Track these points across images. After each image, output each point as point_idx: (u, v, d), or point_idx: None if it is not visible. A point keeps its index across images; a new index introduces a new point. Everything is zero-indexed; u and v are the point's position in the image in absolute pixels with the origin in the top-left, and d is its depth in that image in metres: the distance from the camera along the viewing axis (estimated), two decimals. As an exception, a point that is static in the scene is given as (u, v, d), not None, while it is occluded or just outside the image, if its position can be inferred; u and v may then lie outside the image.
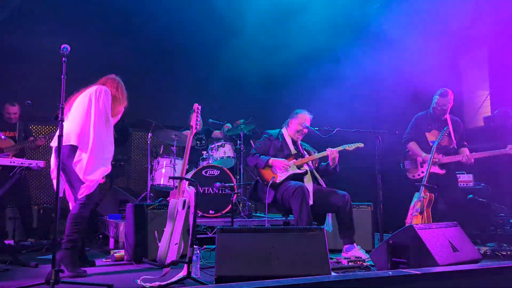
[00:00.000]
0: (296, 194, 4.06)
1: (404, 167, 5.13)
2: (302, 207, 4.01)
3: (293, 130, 4.58)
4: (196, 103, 3.60)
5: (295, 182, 4.21)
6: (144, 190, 6.42)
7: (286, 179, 4.30)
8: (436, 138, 4.84)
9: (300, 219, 4.00)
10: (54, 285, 2.71)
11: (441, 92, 5.00)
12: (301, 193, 4.05)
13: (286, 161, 4.35)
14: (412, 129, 5.19)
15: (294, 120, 4.60)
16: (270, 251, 3.00)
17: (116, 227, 4.83)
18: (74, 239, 3.45)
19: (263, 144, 4.56)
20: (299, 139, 4.63)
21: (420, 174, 4.94)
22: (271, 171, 4.39)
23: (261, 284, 1.86)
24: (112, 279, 3.29)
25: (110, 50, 6.64)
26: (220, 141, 6.12)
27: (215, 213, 5.47)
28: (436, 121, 5.04)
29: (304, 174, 4.38)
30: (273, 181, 4.28)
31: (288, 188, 4.17)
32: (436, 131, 4.95)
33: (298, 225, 3.94)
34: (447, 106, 4.95)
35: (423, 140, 5.02)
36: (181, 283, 2.97)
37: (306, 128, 4.53)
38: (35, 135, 6.09)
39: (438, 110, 4.99)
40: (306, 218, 3.98)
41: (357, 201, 4.89)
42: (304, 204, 4.02)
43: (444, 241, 3.30)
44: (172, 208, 3.29)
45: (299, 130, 4.54)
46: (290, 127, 4.62)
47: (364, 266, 3.72)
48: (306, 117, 4.58)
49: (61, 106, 2.97)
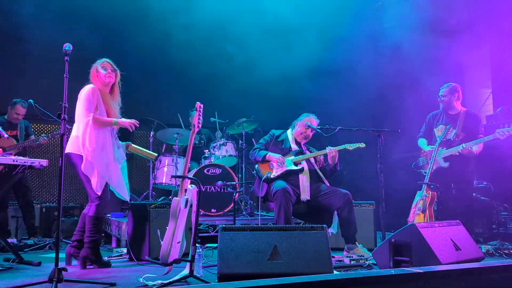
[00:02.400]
0: (276, 196, 4.09)
1: (418, 164, 5.07)
2: (280, 211, 4.04)
3: (298, 132, 4.60)
4: (199, 102, 3.60)
5: (280, 183, 4.21)
6: (146, 189, 6.44)
7: (280, 175, 4.32)
8: (441, 133, 4.83)
9: (278, 221, 4.04)
10: (57, 283, 2.73)
11: (445, 86, 5.01)
12: (280, 196, 4.06)
13: (281, 157, 4.38)
14: (424, 127, 5.21)
15: (300, 122, 4.63)
16: (273, 250, 3.01)
17: (118, 226, 4.85)
18: (96, 239, 3.70)
19: (266, 141, 4.63)
20: (303, 141, 4.65)
21: (431, 169, 4.89)
22: (268, 166, 4.44)
23: (263, 282, 1.86)
24: (115, 277, 3.29)
25: (111, 50, 6.63)
26: (222, 140, 6.13)
27: (217, 212, 5.48)
28: (445, 116, 5.02)
29: (299, 171, 4.38)
30: (267, 176, 4.30)
31: (272, 189, 4.20)
32: (443, 126, 4.94)
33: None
34: (447, 97, 4.93)
35: (431, 136, 5.02)
36: (184, 281, 2.98)
37: (310, 131, 4.55)
38: (36, 134, 6.09)
39: (442, 103, 4.98)
40: (283, 222, 3.99)
41: (359, 200, 4.90)
42: (282, 208, 4.03)
43: (447, 240, 3.30)
44: (174, 206, 3.29)
45: (303, 133, 4.56)
46: (296, 129, 4.65)
47: (366, 265, 3.73)
48: (312, 119, 4.60)
49: (64, 105, 2.98)
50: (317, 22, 7.12)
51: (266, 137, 4.70)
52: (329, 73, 7.19)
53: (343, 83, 7.15)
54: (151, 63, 7.12)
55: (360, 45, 7.11)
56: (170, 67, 7.18)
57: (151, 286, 2.96)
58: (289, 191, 4.11)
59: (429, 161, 4.82)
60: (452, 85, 4.97)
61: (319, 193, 4.28)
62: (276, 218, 4.08)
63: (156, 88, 7.43)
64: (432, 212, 4.55)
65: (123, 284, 3.08)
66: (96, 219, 3.66)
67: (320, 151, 4.53)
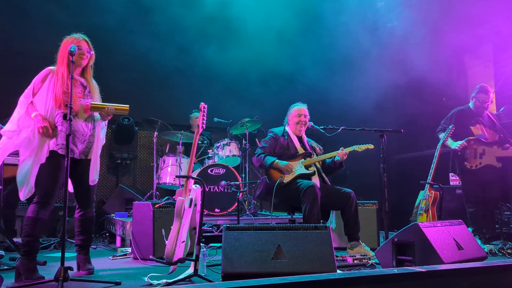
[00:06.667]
0: (308, 193, 4.04)
1: (464, 156, 5.00)
2: (313, 207, 4.00)
3: (293, 124, 4.58)
4: (203, 103, 3.61)
5: (307, 181, 4.20)
6: (150, 189, 6.47)
7: (294, 179, 4.30)
8: (481, 132, 4.83)
9: (310, 218, 3.98)
10: (63, 283, 2.75)
11: (482, 88, 5.01)
12: (313, 192, 4.04)
13: (290, 165, 4.32)
14: (448, 120, 5.19)
15: (290, 114, 4.64)
16: (276, 249, 3.03)
17: (123, 225, 4.88)
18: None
19: (269, 144, 4.53)
20: (302, 132, 4.61)
21: (478, 165, 4.89)
22: (279, 171, 4.37)
23: (267, 281, 1.88)
24: (120, 276, 3.32)
25: (113, 50, 6.66)
26: (225, 140, 6.15)
27: (221, 212, 5.50)
28: (477, 116, 5.03)
29: (311, 174, 4.38)
30: (280, 180, 4.28)
31: (299, 187, 4.16)
32: (481, 125, 4.93)
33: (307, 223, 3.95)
34: (487, 103, 4.96)
35: (468, 134, 5.00)
36: (188, 280, 3.00)
37: (304, 116, 4.54)
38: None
39: (479, 107, 4.99)
40: (316, 219, 3.98)
41: (362, 200, 4.91)
42: (316, 204, 4.01)
43: (449, 239, 3.31)
44: (179, 206, 3.31)
45: (298, 122, 4.55)
46: (290, 123, 4.64)
47: (369, 264, 3.74)
48: (300, 107, 4.60)
49: (70, 105, 3.00)
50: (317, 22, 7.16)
51: (267, 139, 4.59)
52: (333, 71, 7.21)
53: (346, 83, 7.16)
54: (156, 62, 7.15)
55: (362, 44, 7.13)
56: (175, 66, 7.20)
57: (156, 285, 2.98)
58: (318, 188, 4.11)
59: (478, 156, 4.83)
60: (490, 89, 5.00)
61: (323, 192, 4.28)
62: (306, 216, 4.00)
63: (160, 88, 7.44)
64: (434, 211, 4.56)
65: (128, 283, 3.11)
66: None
67: (329, 153, 4.47)
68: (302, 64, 7.39)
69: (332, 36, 7.27)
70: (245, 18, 6.98)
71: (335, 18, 7.18)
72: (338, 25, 7.09)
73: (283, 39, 7.51)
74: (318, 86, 7.07)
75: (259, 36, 7.13)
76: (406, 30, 6.56)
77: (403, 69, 6.48)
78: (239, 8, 6.99)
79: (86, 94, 3.45)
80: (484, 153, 4.86)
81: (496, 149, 4.80)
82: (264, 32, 7.15)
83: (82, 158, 3.40)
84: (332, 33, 7.21)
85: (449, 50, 6.52)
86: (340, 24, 7.08)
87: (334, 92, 7.01)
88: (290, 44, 7.68)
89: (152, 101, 7.31)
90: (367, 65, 7.13)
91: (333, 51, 7.29)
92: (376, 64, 6.93)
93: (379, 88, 6.92)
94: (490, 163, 4.79)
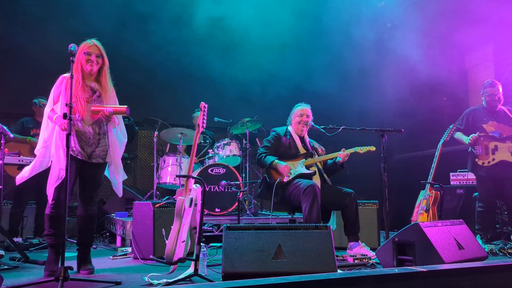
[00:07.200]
0: (308, 192, 4.04)
1: (476, 152, 4.96)
2: (312, 206, 4.00)
3: (295, 124, 4.58)
4: (203, 102, 3.61)
5: (307, 181, 4.20)
6: (150, 188, 6.47)
7: (294, 178, 4.30)
8: (495, 128, 4.82)
9: (310, 218, 3.98)
10: (63, 282, 2.75)
11: (489, 82, 5.03)
12: (313, 192, 4.03)
13: (288, 167, 4.31)
14: (461, 121, 5.19)
15: (293, 114, 4.63)
16: (277, 249, 3.02)
17: (123, 225, 4.87)
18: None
19: (271, 144, 4.52)
20: (305, 132, 4.61)
21: (490, 161, 4.86)
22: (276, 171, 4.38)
23: (268, 281, 1.87)
24: (120, 276, 3.32)
25: (114, 50, 6.66)
26: (226, 139, 6.15)
27: (221, 211, 5.49)
28: (491, 112, 5.03)
29: (312, 174, 4.37)
30: (280, 179, 4.28)
31: (299, 186, 4.15)
32: (494, 122, 4.92)
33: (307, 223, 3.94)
34: (497, 95, 4.95)
35: (476, 131, 4.98)
36: (189, 280, 2.99)
37: (306, 117, 4.55)
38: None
39: (490, 101, 4.99)
40: (315, 218, 3.97)
41: (362, 199, 4.91)
42: (315, 203, 4.01)
43: (450, 239, 3.31)
44: (179, 206, 3.31)
45: (300, 121, 4.55)
46: (292, 123, 4.64)
47: (370, 264, 3.74)
48: (303, 108, 4.60)
49: (70, 105, 3.00)
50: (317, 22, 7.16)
51: (269, 138, 4.58)
52: (333, 73, 7.21)
53: (346, 83, 7.17)
54: (154, 63, 7.15)
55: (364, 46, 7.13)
56: (173, 67, 7.20)
57: (156, 285, 2.98)
58: (318, 188, 4.11)
59: (490, 152, 4.82)
60: (498, 83, 5.01)
61: (324, 192, 4.28)
62: (306, 216, 4.00)
63: (161, 88, 7.45)
64: (435, 211, 4.55)
65: (129, 282, 3.11)
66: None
67: (330, 154, 4.47)
68: (302, 65, 7.40)
69: (332, 37, 7.27)
70: (247, 23, 6.98)
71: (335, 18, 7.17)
72: (338, 25, 7.09)
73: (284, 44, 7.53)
74: (319, 86, 7.06)
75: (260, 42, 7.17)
76: (406, 30, 6.56)
77: (403, 69, 6.48)
78: (242, 12, 6.99)
79: (95, 99, 3.48)
80: (496, 149, 4.81)
81: (510, 144, 4.75)
82: (265, 37, 7.17)
83: (94, 161, 3.48)
84: (331, 33, 7.22)
85: (449, 50, 6.52)
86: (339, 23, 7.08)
87: (334, 92, 7.02)
88: (291, 48, 7.70)
89: (153, 101, 7.31)
90: (367, 65, 7.14)
91: (333, 52, 7.29)
92: (376, 64, 6.94)
93: (379, 88, 6.93)
94: (505, 158, 4.75)
